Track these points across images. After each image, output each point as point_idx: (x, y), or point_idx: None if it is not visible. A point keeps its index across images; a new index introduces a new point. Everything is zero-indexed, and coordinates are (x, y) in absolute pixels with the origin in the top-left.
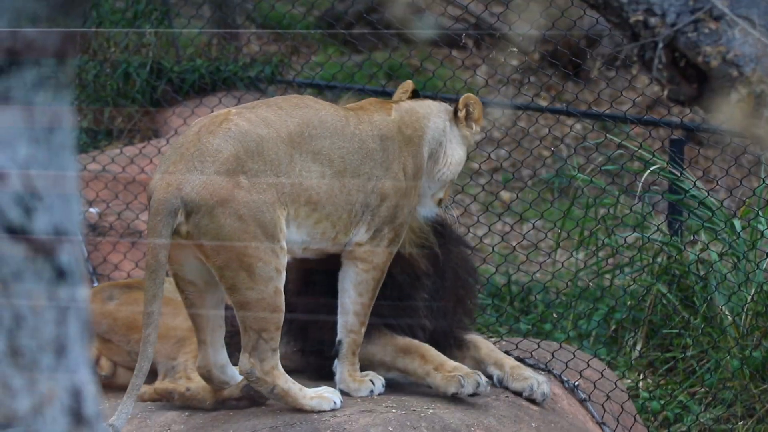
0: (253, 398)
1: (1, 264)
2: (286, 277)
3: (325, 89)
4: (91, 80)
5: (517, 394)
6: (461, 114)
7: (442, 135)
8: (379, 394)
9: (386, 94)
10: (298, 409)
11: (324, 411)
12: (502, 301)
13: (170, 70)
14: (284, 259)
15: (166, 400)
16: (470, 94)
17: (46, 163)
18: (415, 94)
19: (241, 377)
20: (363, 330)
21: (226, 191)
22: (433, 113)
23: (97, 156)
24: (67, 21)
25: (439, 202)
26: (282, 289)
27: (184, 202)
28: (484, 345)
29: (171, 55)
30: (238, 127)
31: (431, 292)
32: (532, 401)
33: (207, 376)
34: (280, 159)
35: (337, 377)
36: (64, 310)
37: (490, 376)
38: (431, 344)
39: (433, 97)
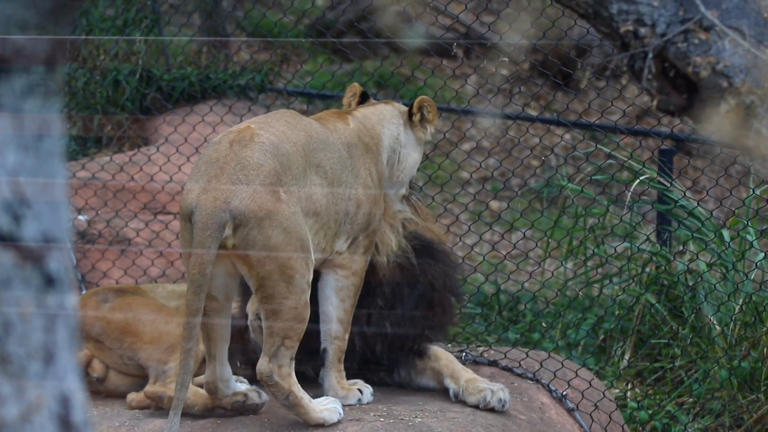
0: (241, 412)
1: None
2: None
3: (316, 98)
4: (81, 88)
5: (474, 407)
6: (416, 117)
7: (397, 140)
8: (368, 403)
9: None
10: (307, 422)
11: (332, 423)
12: (490, 310)
13: (160, 78)
14: (312, 273)
15: (157, 404)
16: (425, 96)
17: (34, 171)
18: (363, 97)
19: (236, 388)
20: (347, 336)
21: (271, 204)
22: (386, 119)
23: (86, 163)
24: (57, 28)
25: (403, 198)
26: (308, 304)
27: (233, 216)
28: (444, 356)
29: (161, 63)
30: (270, 141)
31: (390, 299)
32: (491, 410)
33: (213, 391)
34: (300, 173)
35: (325, 385)
36: (52, 318)
37: (446, 389)
38: (389, 351)
39: (384, 101)
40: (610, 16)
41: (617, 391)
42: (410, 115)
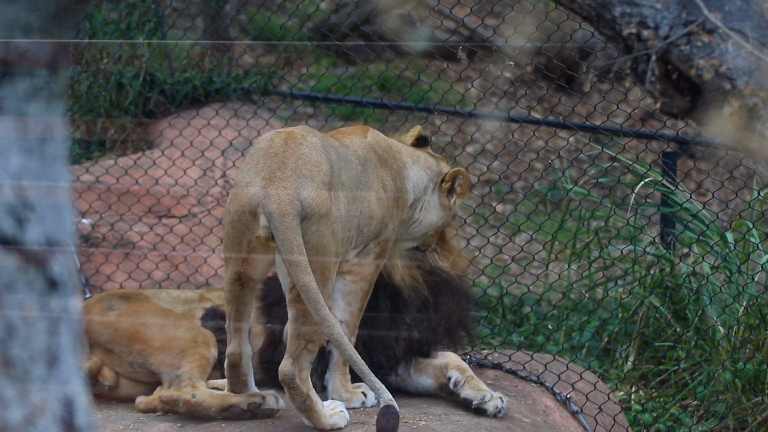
0: (256, 416)
1: None
2: None
3: (320, 101)
4: (84, 91)
5: (467, 403)
6: (446, 185)
7: (423, 190)
8: (372, 406)
9: (383, 106)
10: (318, 427)
11: (340, 429)
12: (495, 313)
13: (163, 81)
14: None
15: (170, 408)
16: (461, 169)
17: (38, 174)
18: (421, 141)
19: (254, 389)
20: (353, 339)
21: (329, 203)
22: (420, 161)
23: (90, 167)
24: (60, 32)
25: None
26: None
27: (303, 206)
28: (454, 356)
29: (164, 66)
30: (321, 144)
31: (398, 308)
32: (483, 412)
33: (237, 363)
34: (335, 180)
35: (329, 387)
36: (56, 321)
37: (446, 381)
38: (392, 357)
39: (434, 155)
40: (612, 19)
41: (621, 393)
42: (443, 180)
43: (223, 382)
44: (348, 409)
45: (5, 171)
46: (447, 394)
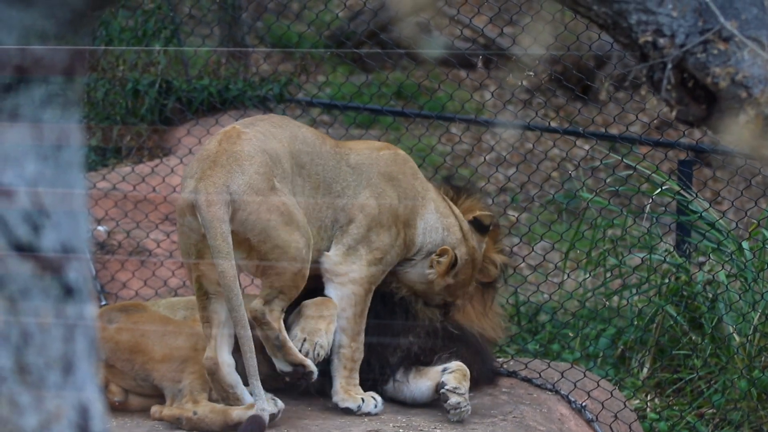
0: (261, 427)
1: (8, 281)
2: None
3: (336, 108)
4: (101, 98)
5: (438, 387)
6: (433, 256)
7: (431, 242)
8: (368, 413)
9: (401, 115)
10: (291, 361)
11: (306, 367)
12: (510, 321)
13: (179, 88)
14: (310, 254)
15: (177, 426)
16: (450, 250)
17: (53, 181)
18: (479, 225)
19: (248, 400)
20: (354, 345)
21: (266, 190)
22: (443, 217)
23: (106, 174)
24: (76, 39)
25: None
26: (306, 274)
27: (233, 199)
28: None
29: (180, 73)
30: (257, 138)
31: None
32: (445, 400)
33: (213, 370)
34: (287, 169)
35: (332, 389)
36: (71, 328)
37: (442, 383)
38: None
39: (479, 225)
40: (629, 27)
41: (637, 402)
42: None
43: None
44: (365, 418)
45: (21, 178)
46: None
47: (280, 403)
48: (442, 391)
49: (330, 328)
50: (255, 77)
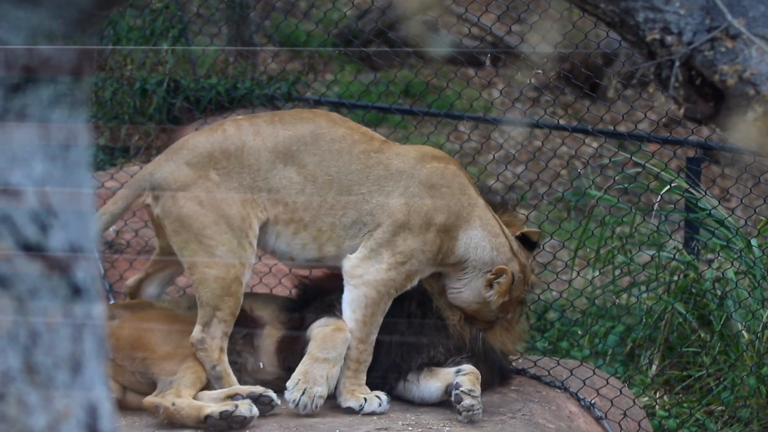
0: (230, 424)
1: (17, 281)
2: None
3: (344, 107)
4: (109, 97)
5: (450, 390)
6: (489, 276)
7: (478, 260)
8: (372, 412)
9: (410, 113)
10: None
11: (236, 406)
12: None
13: (187, 87)
14: (251, 257)
15: (154, 414)
16: (509, 269)
17: (62, 181)
18: (525, 240)
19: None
20: (361, 347)
21: (190, 179)
22: (492, 235)
23: (114, 173)
24: (84, 38)
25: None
26: (244, 283)
27: (152, 186)
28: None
29: (188, 72)
30: (224, 131)
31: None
32: (459, 401)
33: (132, 292)
34: (261, 165)
35: (338, 387)
36: (79, 327)
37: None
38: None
39: (527, 241)
40: (636, 25)
41: (646, 399)
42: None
43: (216, 393)
44: (374, 416)
45: (29, 178)
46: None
47: (255, 410)
48: (456, 392)
49: (333, 372)
50: (263, 76)
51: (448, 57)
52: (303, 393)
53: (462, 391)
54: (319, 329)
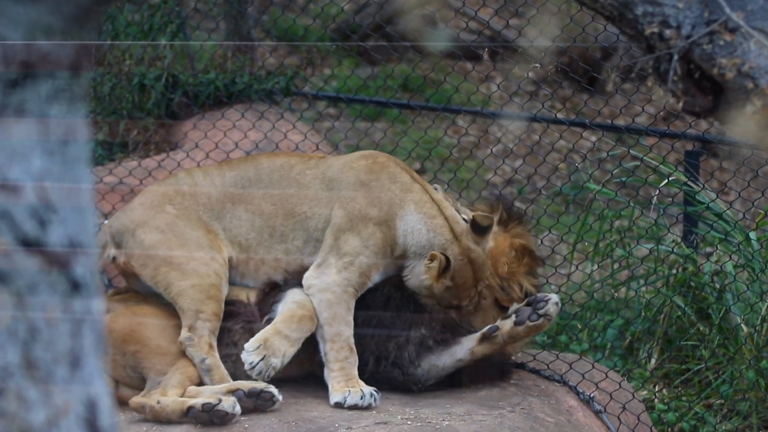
0: (211, 417)
1: (15, 276)
2: None
3: (342, 101)
4: (107, 93)
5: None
6: (425, 260)
7: (419, 244)
8: (355, 405)
9: (407, 107)
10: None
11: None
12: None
13: (186, 82)
14: (225, 271)
15: (140, 413)
16: (439, 254)
17: (60, 176)
18: (475, 226)
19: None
20: (336, 346)
21: (146, 216)
22: (426, 217)
23: (113, 168)
24: (82, 33)
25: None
26: (221, 290)
27: (112, 235)
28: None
29: (187, 67)
30: (176, 176)
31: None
32: (541, 308)
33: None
34: (213, 205)
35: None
36: (79, 323)
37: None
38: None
39: (476, 226)
40: (635, 18)
41: (645, 392)
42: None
43: (218, 388)
44: (373, 410)
45: (27, 173)
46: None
47: (237, 408)
48: (540, 302)
49: (289, 351)
50: (261, 71)
51: (447, 51)
52: (262, 359)
53: (546, 299)
54: (291, 306)
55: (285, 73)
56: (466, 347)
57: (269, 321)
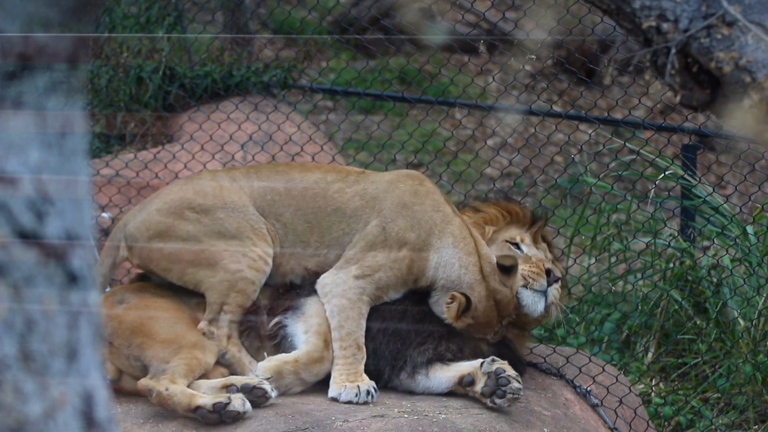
0: (222, 417)
1: (12, 268)
2: None
3: (339, 95)
4: (104, 85)
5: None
6: (447, 300)
7: (448, 277)
8: (349, 401)
9: (403, 100)
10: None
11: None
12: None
13: (183, 75)
14: (263, 264)
15: (147, 396)
16: (459, 296)
17: (58, 168)
18: (501, 267)
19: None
20: (344, 344)
21: (165, 224)
22: (462, 252)
23: (110, 161)
24: (79, 26)
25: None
26: (254, 282)
27: (126, 237)
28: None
29: (184, 60)
30: (200, 178)
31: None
32: (504, 384)
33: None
34: (243, 204)
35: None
36: (75, 315)
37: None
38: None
39: (501, 267)
40: (632, 12)
41: (642, 386)
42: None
43: (213, 383)
44: (371, 403)
45: (25, 165)
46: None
47: (248, 405)
48: (502, 376)
49: (296, 390)
50: (258, 63)
51: (444, 44)
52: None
53: (509, 376)
54: (316, 342)
55: (282, 65)
56: (447, 382)
57: (279, 325)
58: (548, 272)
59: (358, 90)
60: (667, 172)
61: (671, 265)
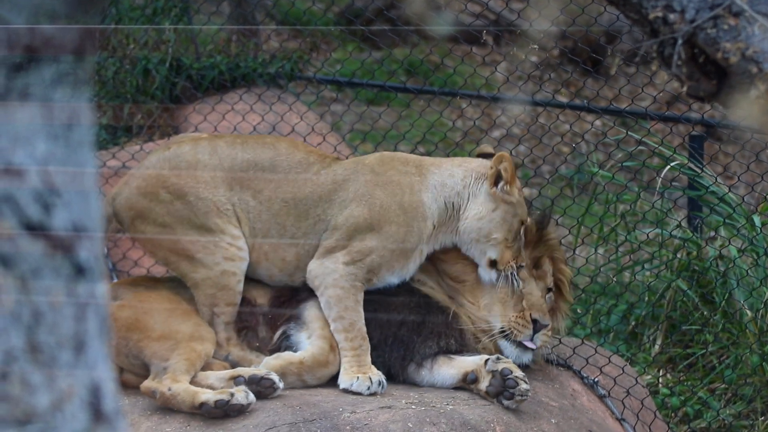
0: (227, 412)
1: (20, 260)
2: None
3: (345, 86)
4: (111, 77)
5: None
6: (491, 171)
7: (457, 186)
8: (359, 391)
9: (407, 91)
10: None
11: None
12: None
13: (189, 66)
14: (236, 251)
15: (151, 398)
16: (505, 154)
17: (64, 160)
18: (484, 155)
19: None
20: (349, 336)
21: (141, 205)
22: (445, 164)
23: (116, 152)
24: (86, 18)
25: (492, 264)
26: (235, 273)
27: (115, 213)
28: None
29: (190, 51)
30: (179, 147)
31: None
32: (512, 387)
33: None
34: (217, 183)
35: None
36: (83, 307)
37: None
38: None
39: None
40: (639, 2)
41: (649, 377)
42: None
43: (221, 374)
44: (378, 395)
45: (31, 157)
46: (468, 383)
47: (251, 396)
48: (510, 377)
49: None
50: (265, 55)
51: (449, 35)
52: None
53: (516, 377)
54: (321, 345)
55: (289, 57)
56: (451, 379)
57: (284, 335)
58: (534, 322)
59: (363, 81)
60: (673, 163)
61: (678, 255)
